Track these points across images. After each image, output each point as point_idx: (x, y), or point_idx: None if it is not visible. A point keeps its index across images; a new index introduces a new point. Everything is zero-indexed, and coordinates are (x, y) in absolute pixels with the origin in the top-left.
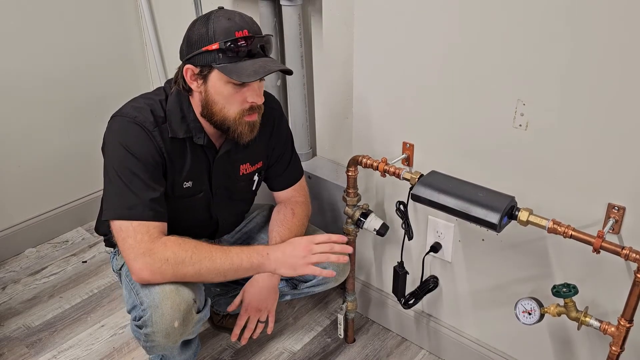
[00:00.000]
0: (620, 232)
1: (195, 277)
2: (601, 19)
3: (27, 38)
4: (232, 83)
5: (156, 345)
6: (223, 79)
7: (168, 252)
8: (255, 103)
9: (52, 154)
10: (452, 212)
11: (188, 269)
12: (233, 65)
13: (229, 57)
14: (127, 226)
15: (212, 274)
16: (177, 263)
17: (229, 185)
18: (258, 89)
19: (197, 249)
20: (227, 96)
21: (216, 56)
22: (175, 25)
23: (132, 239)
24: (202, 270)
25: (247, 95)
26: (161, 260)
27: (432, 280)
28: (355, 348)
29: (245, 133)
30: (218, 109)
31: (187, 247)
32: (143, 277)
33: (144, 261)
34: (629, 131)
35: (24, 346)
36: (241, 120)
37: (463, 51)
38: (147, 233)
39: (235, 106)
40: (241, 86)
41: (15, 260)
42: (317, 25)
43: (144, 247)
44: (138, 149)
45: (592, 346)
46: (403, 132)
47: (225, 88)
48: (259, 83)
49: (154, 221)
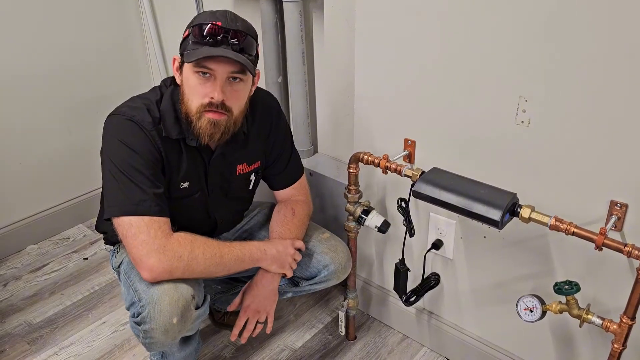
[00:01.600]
0: (623, 229)
1: (203, 274)
2: (604, 14)
3: (28, 37)
4: (197, 73)
5: (155, 341)
6: (190, 68)
7: (182, 249)
8: (213, 98)
9: (54, 151)
10: (453, 209)
11: (199, 266)
12: (193, 51)
13: (195, 43)
14: (138, 222)
15: (219, 268)
16: (190, 260)
17: (225, 185)
18: (221, 85)
19: (207, 245)
20: (192, 87)
21: (187, 43)
22: (177, 24)
23: (145, 234)
24: (211, 266)
25: (209, 90)
26: (175, 257)
27: (434, 277)
28: (357, 345)
29: (205, 130)
30: (185, 100)
31: (198, 243)
32: (155, 273)
33: (157, 257)
34: (632, 128)
35: (25, 343)
36: (201, 115)
37: (465, 47)
38: (160, 229)
39: (196, 99)
40: (206, 79)
41: (17, 257)
42: (318, 22)
43: (158, 243)
44: (138, 146)
45: (594, 344)
46: (404, 129)
47: (192, 78)
48: (228, 81)
49: (162, 217)
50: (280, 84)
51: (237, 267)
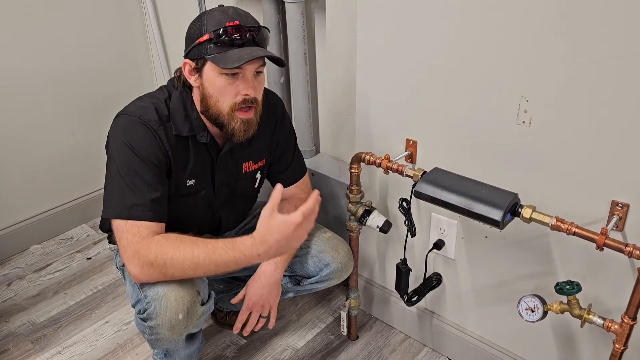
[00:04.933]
0: (624, 229)
1: (189, 275)
2: (604, 14)
3: (32, 37)
4: (224, 74)
5: (161, 338)
6: (216, 71)
7: (151, 255)
8: (248, 95)
9: (57, 151)
10: (455, 209)
11: (174, 270)
12: (222, 54)
13: (218, 46)
14: (122, 226)
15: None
16: (160, 265)
17: (231, 183)
18: (252, 82)
19: (178, 249)
20: (220, 88)
21: (208, 47)
22: (179, 24)
23: (125, 239)
24: (193, 267)
25: (241, 88)
26: (146, 261)
27: (435, 277)
28: (358, 345)
29: (239, 130)
30: (212, 103)
31: (168, 247)
32: (135, 279)
33: (133, 263)
34: (633, 128)
35: (29, 342)
36: (234, 116)
37: (466, 47)
38: (138, 234)
39: (228, 99)
40: (234, 78)
41: (21, 256)
42: (320, 22)
43: (132, 249)
44: (142, 149)
45: (595, 344)
46: (406, 129)
47: (218, 80)
48: (253, 75)
49: (151, 221)
50: (282, 84)
51: (225, 267)
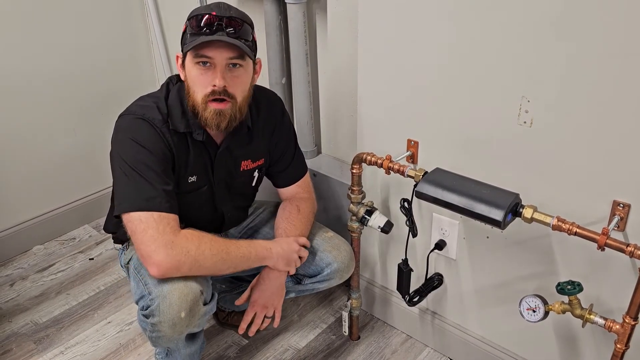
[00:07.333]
0: (626, 229)
1: (210, 270)
2: (604, 14)
3: (33, 37)
4: (197, 64)
5: (162, 335)
6: (192, 61)
7: (189, 245)
8: (215, 86)
9: (59, 151)
10: (456, 210)
11: (207, 262)
12: (192, 41)
13: (191, 34)
14: (147, 217)
15: (225, 265)
16: (197, 255)
17: (229, 181)
18: (222, 73)
19: (214, 242)
20: (194, 78)
21: (186, 37)
22: (181, 24)
23: (154, 230)
24: (218, 263)
25: (211, 79)
26: (182, 252)
27: (437, 277)
28: (360, 345)
29: (211, 120)
30: (191, 93)
31: (205, 240)
32: (163, 269)
33: (166, 253)
34: (634, 128)
35: (32, 342)
36: (207, 106)
37: (467, 48)
38: (169, 225)
39: (200, 89)
40: (206, 68)
41: (23, 257)
42: (321, 23)
43: (166, 239)
44: (150, 143)
45: (597, 344)
46: (407, 130)
47: (193, 70)
48: (227, 68)
49: (172, 213)
50: (284, 85)
51: (243, 265)
